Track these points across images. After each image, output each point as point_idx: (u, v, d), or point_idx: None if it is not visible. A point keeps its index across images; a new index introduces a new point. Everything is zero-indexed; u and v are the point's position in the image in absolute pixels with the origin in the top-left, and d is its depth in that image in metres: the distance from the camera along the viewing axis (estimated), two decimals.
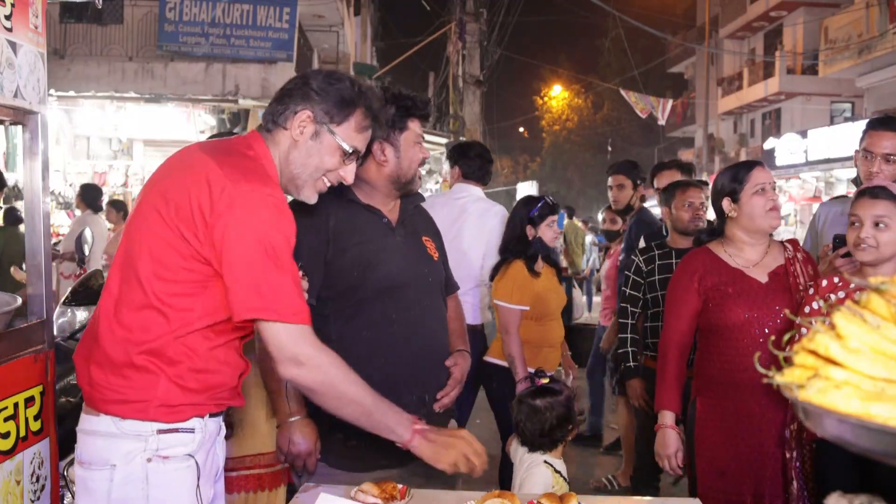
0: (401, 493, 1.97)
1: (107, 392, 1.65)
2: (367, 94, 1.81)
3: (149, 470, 1.63)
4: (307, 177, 1.78)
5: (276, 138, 1.77)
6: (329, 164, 1.78)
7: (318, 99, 1.76)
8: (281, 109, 1.76)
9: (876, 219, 2.32)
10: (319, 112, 1.75)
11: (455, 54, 17.21)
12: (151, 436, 1.64)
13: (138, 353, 1.64)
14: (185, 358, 1.66)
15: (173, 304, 1.65)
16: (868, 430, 0.84)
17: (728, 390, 2.58)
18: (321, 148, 1.76)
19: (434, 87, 20.77)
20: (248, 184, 1.62)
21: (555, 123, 42.27)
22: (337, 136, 1.77)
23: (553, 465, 2.44)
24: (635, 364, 3.62)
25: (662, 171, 4.22)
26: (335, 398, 1.74)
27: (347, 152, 1.79)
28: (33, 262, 2.24)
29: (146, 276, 1.65)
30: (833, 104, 24.34)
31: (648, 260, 3.61)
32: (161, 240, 1.64)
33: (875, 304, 0.95)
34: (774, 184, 2.63)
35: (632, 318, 3.65)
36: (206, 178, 1.63)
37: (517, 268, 3.52)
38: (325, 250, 2.19)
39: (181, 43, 12.11)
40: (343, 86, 1.78)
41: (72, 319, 4.79)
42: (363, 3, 22.00)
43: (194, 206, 1.62)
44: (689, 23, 33.65)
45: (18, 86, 2.10)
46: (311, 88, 1.76)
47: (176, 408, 1.66)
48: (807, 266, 2.61)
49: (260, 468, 2.92)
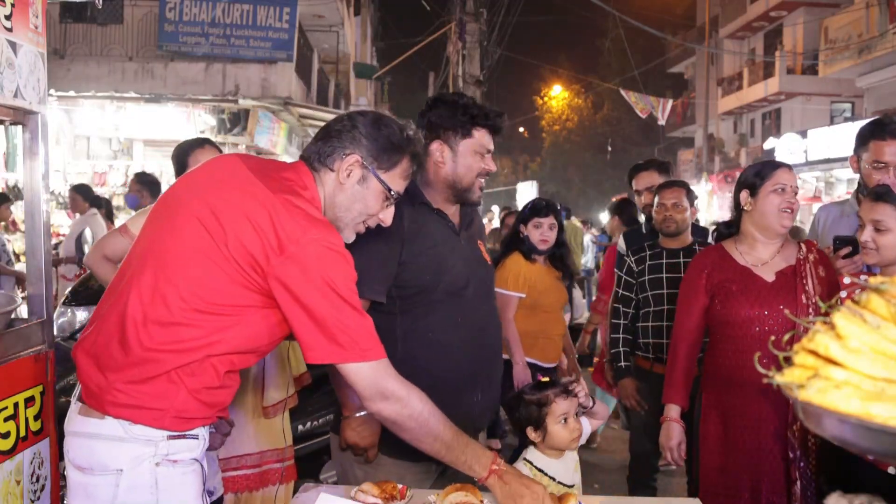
0: (401, 493, 1.98)
1: (120, 396, 1.61)
2: (414, 140, 1.82)
3: (158, 474, 1.62)
4: (350, 220, 1.78)
5: (322, 178, 1.76)
6: (373, 209, 1.79)
7: (366, 144, 1.75)
8: (328, 151, 1.75)
9: (875, 222, 2.33)
10: (368, 157, 1.75)
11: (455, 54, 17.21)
12: (162, 441, 1.63)
13: (170, 369, 1.61)
14: (207, 376, 1.65)
15: (213, 325, 1.62)
16: (868, 430, 0.84)
17: (729, 387, 2.60)
18: (367, 193, 1.76)
19: (434, 87, 20.77)
20: (316, 231, 1.60)
21: (555, 123, 42.26)
22: (384, 183, 1.77)
23: (534, 463, 2.36)
24: (626, 364, 3.64)
25: (640, 172, 4.20)
26: (417, 431, 1.74)
27: (391, 197, 1.80)
28: (33, 261, 2.24)
29: (186, 291, 1.60)
30: (833, 104, 24.33)
31: (639, 261, 3.64)
32: (208, 259, 1.60)
33: (875, 304, 0.94)
34: (797, 188, 2.62)
35: (624, 319, 3.67)
36: (270, 216, 1.59)
37: (514, 259, 3.92)
38: (399, 251, 2.22)
39: (181, 43, 12.12)
40: (391, 132, 1.78)
41: (72, 319, 4.79)
42: (363, 3, 22.01)
43: (256, 243, 1.58)
44: (689, 23, 33.64)
45: (18, 86, 2.10)
46: (361, 133, 1.75)
47: (189, 420, 1.66)
48: (817, 267, 2.59)
49: (246, 468, 2.93)
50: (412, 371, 2.20)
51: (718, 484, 2.61)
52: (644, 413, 3.55)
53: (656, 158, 4.67)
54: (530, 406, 2.25)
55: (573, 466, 2.34)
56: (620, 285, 3.71)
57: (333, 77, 18.40)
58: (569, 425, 2.25)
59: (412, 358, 2.22)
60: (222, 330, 1.63)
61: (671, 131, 33.91)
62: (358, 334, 1.64)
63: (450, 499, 1.88)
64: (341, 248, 1.64)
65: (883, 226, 2.31)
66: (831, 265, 2.63)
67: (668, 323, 3.36)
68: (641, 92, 22.55)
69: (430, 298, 2.25)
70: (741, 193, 2.64)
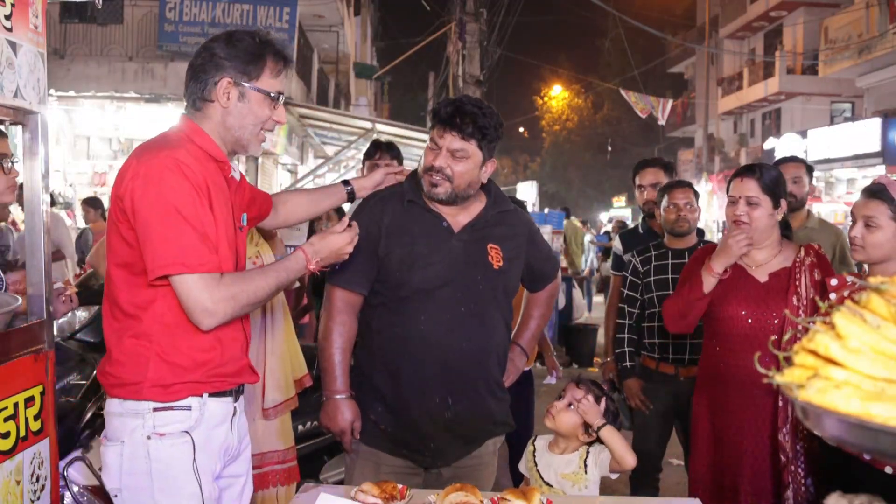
0: (401, 493, 1.98)
1: (110, 378, 1.83)
2: (270, 41, 1.91)
3: (149, 446, 1.78)
4: (249, 134, 1.91)
5: (208, 112, 1.88)
6: (263, 115, 1.91)
7: (229, 64, 1.85)
8: (201, 86, 1.87)
9: (867, 218, 2.33)
10: (236, 75, 1.85)
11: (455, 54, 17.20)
12: (148, 413, 1.78)
13: (128, 338, 1.80)
14: (166, 337, 1.79)
15: (133, 282, 1.80)
16: (868, 430, 0.84)
17: (717, 384, 2.64)
18: (251, 105, 1.88)
19: (434, 87, 20.77)
20: (148, 153, 1.78)
21: (555, 123, 42.24)
22: (260, 90, 1.88)
23: (535, 448, 2.51)
24: (632, 364, 3.65)
25: (647, 168, 4.19)
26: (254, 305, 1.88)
27: (274, 98, 1.90)
28: (33, 262, 2.24)
29: (112, 260, 1.83)
30: (833, 104, 24.31)
31: (645, 261, 3.64)
32: (114, 225, 1.82)
33: (875, 304, 0.94)
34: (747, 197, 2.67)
35: (629, 319, 3.68)
36: (136, 158, 1.80)
37: None
38: (377, 246, 2.28)
39: (181, 43, 12.10)
40: (247, 43, 1.88)
41: (72, 319, 4.77)
42: (363, 3, 22.01)
43: (116, 194, 1.79)
44: (689, 23, 33.62)
45: (18, 86, 2.09)
46: (220, 57, 1.86)
47: (170, 387, 1.79)
48: (813, 270, 2.59)
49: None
50: (380, 363, 2.31)
51: (707, 480, 2.66)
52: (648, 412, 3.55)
53: (661, 158, 4.65)
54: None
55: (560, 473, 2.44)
56: (625, 285, 3.71)
57: (333, 77, 18.40)
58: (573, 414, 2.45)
59: (381, 350, 2.31)
60: (142, 287, 1.78)
61: (671, 131, 33.89)
62: (187, 244, 1.72)
63: (450, 499, 1.88)
64: (178, 160, 1.75)
65: (874, 222, 2.32)
66: (830, 269, 2.64)
67: None
68: (641, 92, 22.53)
69: (399, 294, 2.28)
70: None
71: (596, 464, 2.42)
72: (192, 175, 1.75)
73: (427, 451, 2.32)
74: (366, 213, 2.32)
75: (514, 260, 2.39)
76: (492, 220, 2.37)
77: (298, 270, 1.95)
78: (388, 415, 2.30)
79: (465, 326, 2.28)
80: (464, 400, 2.28)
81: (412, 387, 2.26)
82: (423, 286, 2.26)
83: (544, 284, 2.62)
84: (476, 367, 2.31)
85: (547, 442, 2.54)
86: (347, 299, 2.34)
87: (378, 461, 2.32)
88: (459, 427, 2.30)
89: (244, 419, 2.05)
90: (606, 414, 2.45)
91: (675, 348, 3.46)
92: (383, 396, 2.30)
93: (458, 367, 2.27)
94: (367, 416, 2.33)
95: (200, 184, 1.76)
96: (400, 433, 2.30)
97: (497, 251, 2.35)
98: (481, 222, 2.35)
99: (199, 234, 1.73)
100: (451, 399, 2.26)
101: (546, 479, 2.42)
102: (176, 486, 1.80)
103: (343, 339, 2.33)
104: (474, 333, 2.30)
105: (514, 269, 2.41)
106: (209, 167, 1.84)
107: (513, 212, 2.46)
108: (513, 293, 2.45)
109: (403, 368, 2.26)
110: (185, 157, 1.77)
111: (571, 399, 2.46)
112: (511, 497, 1.92)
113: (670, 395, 3.48)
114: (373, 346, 2.34)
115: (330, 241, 1.98)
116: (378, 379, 2.31)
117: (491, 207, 2.38)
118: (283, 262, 1.94)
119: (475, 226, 2.34)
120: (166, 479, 1.79)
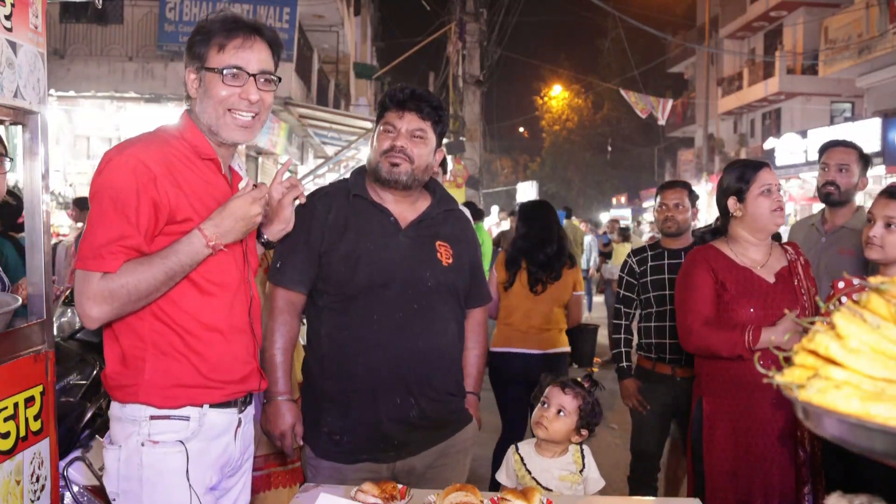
0: (401, 493, 1.98)
1: (109, 380, 1.83)
2: (211, 22, 1.89)
3: (142, 453, 1.77)
4: (216, 119, 1.86)
5: (193, 107, 1.90)
6: (219, 95, 1.84)
7: (188, 56, 1.89)
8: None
9: (888, 218, 2.35)
10: (192, 63, 1.88)
11: (455, 54, 17.21)
12: (144, 421, 1.77)
13: (125, 338, 1.80)
14: (166, 335, 1.78)
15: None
16: (868, 430, 0.84)
17: (735, 389, 2.57)
18: (208, 88, 1.85)
19: (434, 87, 20.76)
20: (111, 151, 1.77)
21: (555, 123, 42.22)
22: (210, 69, 1.85)
23: (522, 456, 2.45)
24: (628, 364, 3.66)
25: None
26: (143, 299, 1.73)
27: (226, 73, 1.83)
28: (33, 262, 2.24)
29: None
30: (833, 104, 24.31)
31: (641, 261, 3.66)
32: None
33: (875, 304, 0.94)
34: (780, 185, 2.64)
35: (625, 319, 3.70)
36: None
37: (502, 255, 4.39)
38: (319, 243, 2.23)
39: (181, 43, 12.06)
40: (197, 30, 1.89)
41: (72, 319, 4.77)
42: (363, 3, 22.01)
43: None
44: (689, 23, 33.62)
45: (18, 86, 2.09)
46: (186, 50, 1.91)
47: (167, 391, 1.77)
48: (808, 269, 2.65)
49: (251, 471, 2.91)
50: (331, 369, 2.22)
51: (728, 489, 2.57)
52: (646, 413, 3.55)
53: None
54: None
55: (558, 476, 2.41)
56: (622, 286, 3.72)
57: (333, 77, 18.39)
58: (565, 419, 2.40)
59: (332, 355, 2.23)
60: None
61: (671, 131, 33.88)
62: (91, 241, 1.70)
63: (450, 499, 1.88)
64: (129, 155, 1.73)
65: (895, 223, 2.34)
66: (809, 267, 2.69)
67: (670, 323, 3.36)
68: (641, 92, 22.56)
69: (346, 293, 2.21)
70: (728, 201, 2.63)
71: (591, 458, 2.43)
72: (140, 172, 1.70)
73: (391, 448, 2.24)
74: (308, 209, 2.23)
75: (462, 261, 2.35)
76: (438, 217, 2.34)
77: (195, 253, 1.74)
78: (342, 421, 2.22)
79: (418, 325, 2.22)
80: (423, 398, 2.23)
81: (369, 390, 2.18)
82: (369, 283, 2.19)
83: (478, 304, 2.49)
84: (431, 364, 2.25)
85: (532, 446, 2.48)
86: (289, 298, 2.27)
87: (342, 475, 2.21)
88: (424, 421, 2.25)
89: (251, 428, 2.00)
90: (592, 413, 2.43)
91: (672, 348, 3.46)
92: (337, 403, 2.22)
93: (414, 365, 2.21)
94: (319, 430, 2.25)
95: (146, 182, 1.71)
96: (357, 439, 2.22)
97: (446, 248, 2.31)
98: (428, 219, 2.32)
99: (115, 232, 1.68)
100: (413, 398, 2.21)
101: (545, 483, 2.38)
102: (166, 494, 1.77)
103: (284, 339, 2.26)
104: (430, 331, 2.24)
105: (463, 270, 2.36)
106: (195, 165, 1.84)
107: (459, 212, 2.44)
108: (462, 293, 2.37)
109: (358, 371, 2.19)
110: (145, 152, 1.74)
111: (559, 406, 2.42)
112: (511, 497, 1.92)
113: (668, 395, 3.48)
114: (322, 351, 2.26)
115: (229, 207, 1.79)
116: (330, 386, 2.23)
117: (436, 206, 2.35)
118: (173, 246, 1.74)
119: (422, 222, 2.30)
120: (155, 487, 1.76)
